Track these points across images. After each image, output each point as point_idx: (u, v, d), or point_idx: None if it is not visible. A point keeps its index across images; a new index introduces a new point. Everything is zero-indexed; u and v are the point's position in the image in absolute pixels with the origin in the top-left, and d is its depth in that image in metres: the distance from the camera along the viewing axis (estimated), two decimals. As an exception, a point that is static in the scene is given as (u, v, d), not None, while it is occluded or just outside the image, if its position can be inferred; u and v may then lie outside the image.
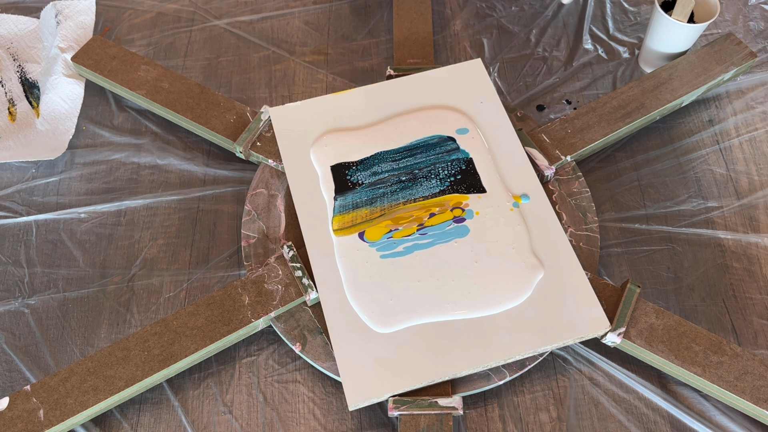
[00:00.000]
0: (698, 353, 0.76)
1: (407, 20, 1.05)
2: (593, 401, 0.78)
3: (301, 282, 0.80)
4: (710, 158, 0.94)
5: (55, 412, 0.73)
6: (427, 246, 0.81)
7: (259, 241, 0.86)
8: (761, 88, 1.00)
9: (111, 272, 0.88)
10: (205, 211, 0.92)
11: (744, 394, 0.73)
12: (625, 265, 0.87)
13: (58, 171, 0.95)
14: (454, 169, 0.87)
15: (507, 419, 0.77)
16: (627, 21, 1.08)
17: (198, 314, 0.79)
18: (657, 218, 0.90)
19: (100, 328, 0.84)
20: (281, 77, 1.04)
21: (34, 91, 1.02)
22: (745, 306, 0.84)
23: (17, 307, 0.85)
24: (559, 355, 0.81)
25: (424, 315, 0.77)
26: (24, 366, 0.81)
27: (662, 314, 0.78)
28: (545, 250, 0.81)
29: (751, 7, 1.09)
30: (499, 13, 1.10)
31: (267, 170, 0.91)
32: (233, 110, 0.94)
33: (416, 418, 0.73)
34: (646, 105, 0.93)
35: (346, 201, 0.85)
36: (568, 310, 0.77)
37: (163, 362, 0.76)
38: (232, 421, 0.78)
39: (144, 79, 0.96)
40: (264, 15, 1.11)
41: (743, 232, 0.89)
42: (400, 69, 0.98)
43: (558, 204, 0.88)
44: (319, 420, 0.78)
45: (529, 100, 1.00)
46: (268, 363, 0.81)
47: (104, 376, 0.75)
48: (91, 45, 1.00)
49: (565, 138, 0.91)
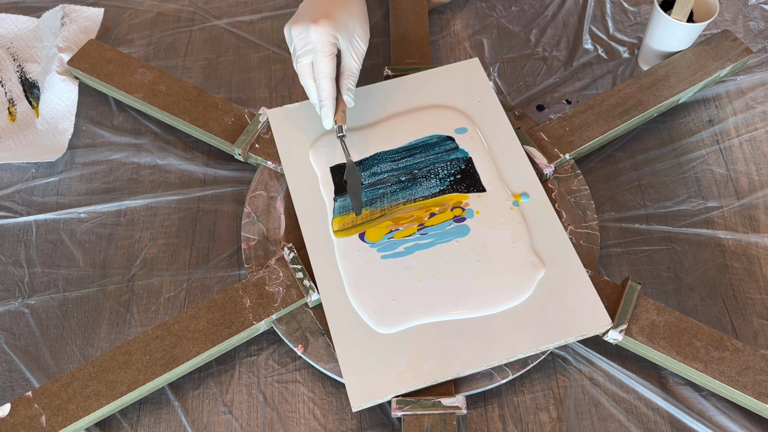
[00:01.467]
0: (699, 349, 0.76)
1: (404, 20, 1.05)
2: (593, 401, 0.78)
3: (302, 284, 0.80)
4: (710, 158, 0.95)
5: (57, 418, 0.73)
6: (428, 246, 0.81)
7: (259, 243, 0.86)
8: (761, 88, 1.00)
9: (111, 272, 0.88)
10: (205, 211, 0.92)
11: (746, 389, 0.74)
12: (625, 265, 0.87)
13: (58, 171, 0.95)
14: (453, 169, 0.87)
15: (507, 419, 0.77)
16: (627, 21, 1.08)
17: (199, 317, 0.79)
18: (657, 218, 0.90)
19: (100, 328, 0.84)
20: (281, 77, 1.04)
21: (34, 91, 1.02)
22: (745, 306, 0.84)
23: (17, 307, 0.85)
24: (559, 354, 0.81)
25: (426, 315, 0.77)
26: (24, 366, 0.81)
27: (663, 311, 0.78)
28: (546, 248, 0.81)
29: (751, 7, 1.09)
30: (499, 13, 1.10)
31: (266, 172, 0.91)
32: (231, 112, 0.93)
33: (420, 418, 0.73)
34: (644, 102, 0.93)
35: (346, 202, 0.85)
36: (569, 307, 0.77)
37: (165, 366, 0.76)
38: (232, 421, 0.78)
39: (141, 83, 0.96)
40: (264, 15, 1.11)
41: (743, 232, 0.89)
42: (398, 69, 0.98)
43: (557, 202, 0.88)
44: (319, 420, 0.78)
45: (529, 100, 1.00)
46: (268, 363, 0.81)
47: (106, 380, 0.75)
48: (87, 49, 0.99)
49: (564, 136, 0.91)
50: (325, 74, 0.80)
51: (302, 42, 0.79)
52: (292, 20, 0.81)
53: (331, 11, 0.80)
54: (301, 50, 0.80)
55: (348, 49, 0.81)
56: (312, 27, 0.78)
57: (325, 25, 0.79)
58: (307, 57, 0.80)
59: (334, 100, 0.82)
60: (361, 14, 0.84)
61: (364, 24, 0.84)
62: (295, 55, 0.81)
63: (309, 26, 0.79)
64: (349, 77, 0.83)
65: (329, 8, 0.80)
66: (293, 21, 0.81)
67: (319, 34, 0.78)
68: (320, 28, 0.78)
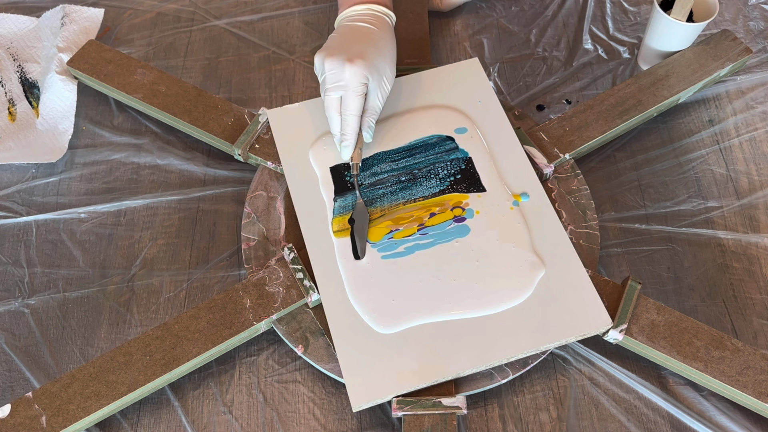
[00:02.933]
0: (700, 349, 0.76)
1: (403, 20, 1.05)
2: (593, 401, 0.78)
3: (303, 284, 0.80)
4: (710, 158, 0.95)
5: (57, 419, 0.73)
6: (428, 246, 0.81)
7: (260, 243, 0.86)
8: (761, 88, 1.00)
9: (111, 272, 0.88)
10: (205, 211, 0.92)
11: (746, 389, 0.74)
12: (625, 265, 0.87)
13: (58, 171, 0.95)
14: (453, 169, 0.87)
15: (507, 419, 0.77)
16: (627, 21, 1.08)
17: (199, 318, 0.79)
18: (657, 218, 0.90)
19: (100, 328, 0.84)
20: (281, 77, 1.04)
21: (34, 91, 1.02)
22: (745, 306, 0.84)
23: (17, 307, 0.85)
24: (559, 355, 0.81)
25: (426, 315, 0.77)
26: (24, 366, 0.81)
27: (663, 310, 0.78)
28: (546, 248, 0.81)
29: (751, 7, 1.09)
30: (499, 13, 1.10)
31: (266, 172, 0.91)
32: (231, 112, 0.93)
33: (420, 418, 0.73)
34: (643, 102, 0.93)
35: (346, 202, 0.85)
36: (570, 307, 0.77)
37: (166, 366, 0.76)
38: (232, 421, 0.78)
39: (141, 83, 0.96)
40: (264, 15, 1.11)
41: (743, 232, 0.89)
42: (398, 69, 0.98)
43: (557, 202, 0.88)
44: (319, 420, 0.78)
45: (529, 100, 1.00)
46: (268, 363, 0.81)
47: (106, 381, 0.75)
48: (86, 49, 0.99)
49: (564, 136, 0.91)
50: (353, 112, 0.82)
51: (334, 77, 0.81)
52: (325, 51, 0.83)
53: (365, 51, 0.82)
54: (331, 84, 0.81)
55: (375, 90, 0.83)
56: (347, 66, 0.80)
57: (360, 65, 0.80)
58: (337, 92, 0.82)
59: (356, 136, 0.84)
60: (391, 56, 0.86)
61: (393, 66, 0.86)
62: (324, 87, 0.83)
63: (344, 64, 0.80)
64: (371, 115, 0.85)
65: (364, 48, 0.82)
66: (327, 54, 0.82)
67: (353, 74, 0.80)
68: (355, 68, 0.80)
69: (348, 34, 0.85)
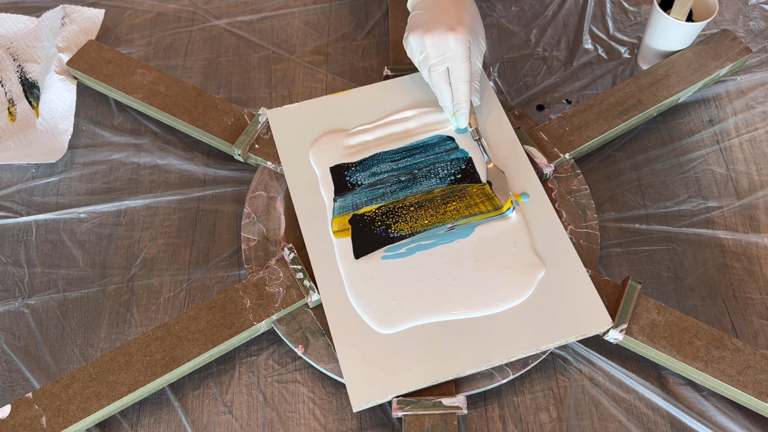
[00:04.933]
0: (700, 348, 0.76)
1: (403, 20, 1.04)
2: (593, 401, 0.78)
3: (303, 284, 0.80)
4: (710, 158, 0.95)
5: (57, 419, 0.73)
6: (429, 246, 0.81)
7: (259, 243, 0.86)
8: (761, 88, 1.00)
9: (111, 272, 0.88)
10: (205, 211, 0.92)
11: (746, 389, 0.74)
12: (625, 265, 0.87)
13: (58, 171, 0.95)
14: (453, 169, 0.87)
15: (507, 419, 0.77)
16: (627, 21, 1.08)
17: (199, 318, 0.79)
18: (657, 218, 0.90)
19: (100, 328, 0.84)
20: (281, 77, 1.04)
21: (34, 91, 1.02)
22: (745, 306, 0.84)
23: (17, 307, 0.85)
24: (559, 355, 0.81)
25: (426, 315, 0.77)
26: (24, 366, 0.81)
27: (664, 310, 0.78)
28: (546, 248, 0.81)
29: (751, 7, 1.09)
30: (499, 13, 1.10)
31: (266, 172, 0.91)
32: (231, 113, 0.93)
33: (420, 418, 0.73)
34: (643, 101, 0.93)
35: (346, 202, 0.85)
36: (570, 307, 0.77)
37: (166, 367, 0.76)
38: (232, 421, 0.78)
39: (140, 83, 0.96)
40: (264, 15, 1.11)
41: (743, 232, 0.89)
42: (398, 69, 0.98)
43: (557, 202, 0.88)
44: (319, 420, 0.78)
45: (529, 100, 1.00)
46: (268, 363, 0.81)
47: (106, 381, 0.75)
48: (86, 49, 0.99)
49: (564, 136, 0.91)
50: (464, 78, 0.82)
51: (440, 50, 0.81)
52: (420, 28, 0.83)
53: (461, 17, 0.82)
54: (437, 58, 0.82)
55: (476, 53, 0.84)
56: (451, 35, 0.80)
57: (462, 32, 0.81)
58: (444, 64, 0.82)
59: (470, 102, 0.85)
60: (478, 14, 0.87)
61: (482, 23, 0.87)
62: (429, 63, 0.83)
63: (448, 34, 0.81)
64: (476, 78, 0.85)
65: (457, 14, 0.82)
66: (424, 29, 0.82)
67: (458, 41, 0.81)
68: (459, 35, 0.81)
69: (433, 7, 0.84)
